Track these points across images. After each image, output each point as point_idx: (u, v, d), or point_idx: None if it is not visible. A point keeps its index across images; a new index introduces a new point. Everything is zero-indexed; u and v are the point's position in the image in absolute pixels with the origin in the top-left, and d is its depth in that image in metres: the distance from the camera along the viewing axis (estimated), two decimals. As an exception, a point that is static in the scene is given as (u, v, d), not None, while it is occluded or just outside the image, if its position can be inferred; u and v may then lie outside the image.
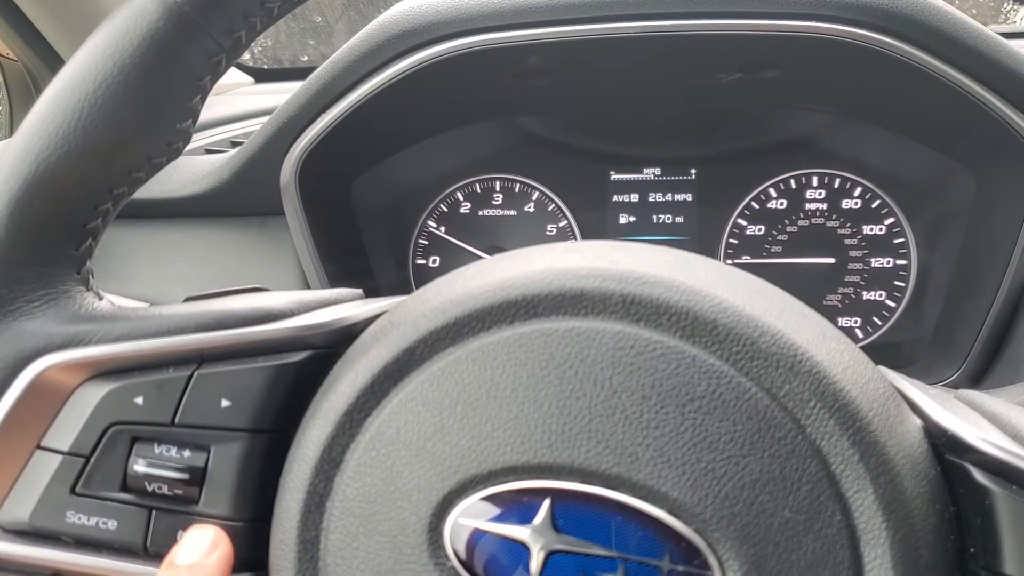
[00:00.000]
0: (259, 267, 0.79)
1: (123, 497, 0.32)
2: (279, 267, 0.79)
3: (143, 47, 0.32)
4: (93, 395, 0.33)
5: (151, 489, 0.32)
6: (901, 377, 0.34)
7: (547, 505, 0.27)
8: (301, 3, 0.37)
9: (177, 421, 0.32)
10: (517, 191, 0.95)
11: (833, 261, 0.89)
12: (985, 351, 0.74)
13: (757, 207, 0.91)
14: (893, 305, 0.88)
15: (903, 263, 0.88)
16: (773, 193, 0.91)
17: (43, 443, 0.33)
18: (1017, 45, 0.67)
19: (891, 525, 0.26)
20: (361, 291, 0.41)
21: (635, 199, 0.94)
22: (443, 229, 0.96)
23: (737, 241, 0.92)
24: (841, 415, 0.27)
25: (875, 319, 0.89)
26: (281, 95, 0.80)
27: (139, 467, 0.32)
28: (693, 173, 0.93)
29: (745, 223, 0.92)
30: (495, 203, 0.96)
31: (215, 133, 0.96)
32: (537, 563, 0.27)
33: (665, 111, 0.90)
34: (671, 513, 0.27)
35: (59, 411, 0.33)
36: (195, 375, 0.33)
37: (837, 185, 0.90)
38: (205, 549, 0.31)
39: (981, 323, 0.73)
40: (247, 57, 1.38)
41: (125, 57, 0.32)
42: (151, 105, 0.33)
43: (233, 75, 1.27)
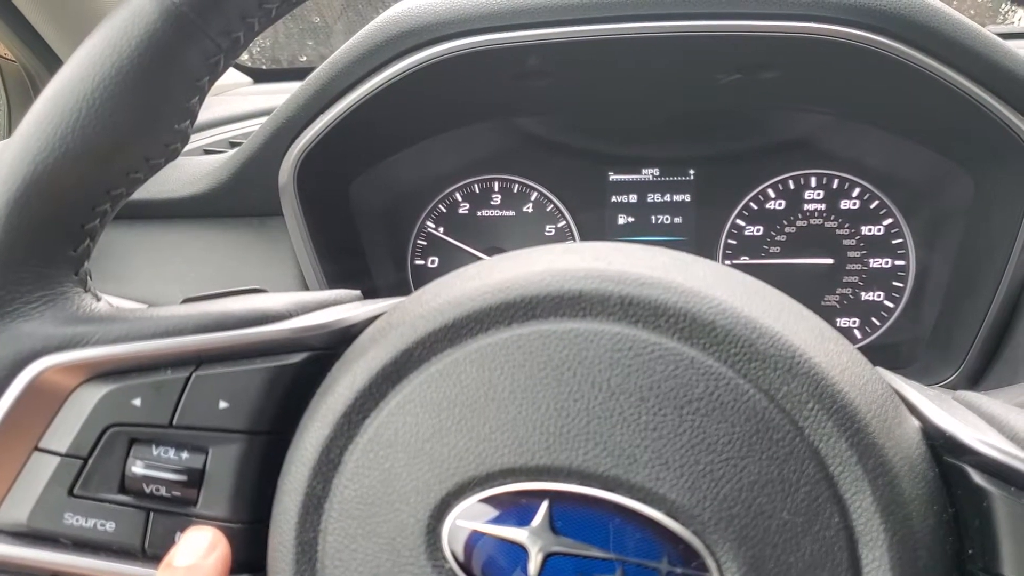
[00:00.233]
0: (257, 268, 0.79)
1: (121, 499, 0.32)
2: (277, 268, 0.79)
3: (141, 48, 0.32)
4: (91, 396, 0.33)
5: (149, 491, 0.32)
6: (899, 378, 0.34)
7: (545, 507, 0.27)
8: (299, 4, 0.37)
9: (175, 423, 0.32)
10: (516, 192, 0.95)
11: (831, 262, 0.89)
12: (983, 352, 0.74)
13: (756, 208, 0.91)
14: (891, 306, 0.88)
15: (901, 264, 0.88)
16: (771, 194, 0.91)
17: (41, 445, 0.33)
18: (1015, 46, 0.67)
19: (889, 527, 0.26)
20: (359, 292, 0.41)
21: (634, 200, 0.94)
22: (442, 230, 0.96)
23: (736, 242, 0.92)
24: (839, 417, 0.27)
25: (873, 320, 0.89)
26: (280, 96, 0.80)
27: (137, 469, 0.32)
28: (692, 174, 0.93)
29: (744, 224, 0.92)
30: (494, 204, 0.96)
31: (213, 134, 0.96)
32: (535, 565, 0.27)
33: (664, 112, 0.90)
34: (669, 515, 0.27)
35: (57, 412, 0.33)
36: (193, 376, 0.33)
37: (835, 186, 0.90)
38: (203, 550, 0.31)
39: (979, 324, 0.73)
40: (245, 57, 1.38)
41: (123, 58, 0.32)
42: (149, 106, 0.33)
43: (231, 75, 1.27)
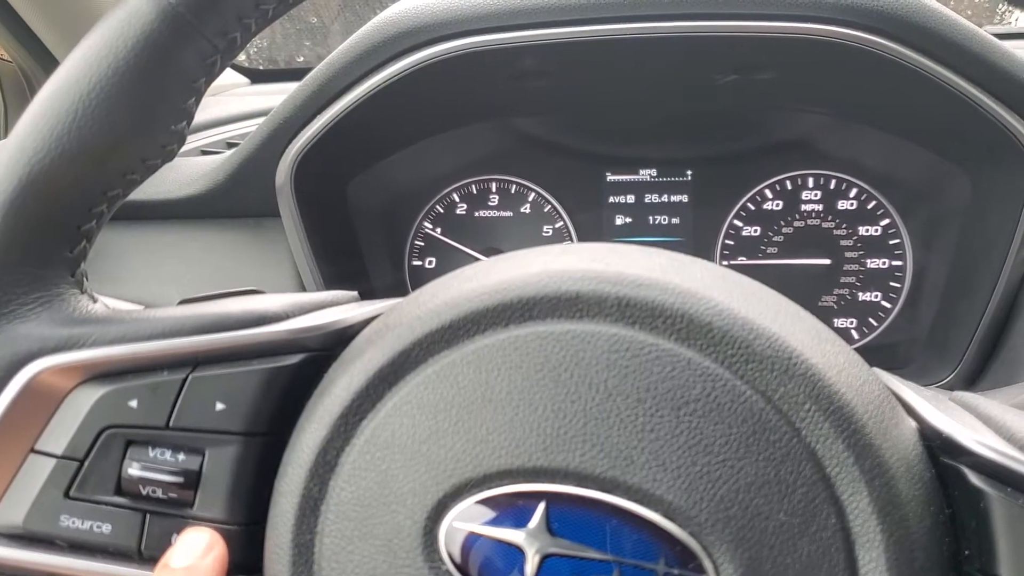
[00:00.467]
0: (254, 269, 0.79)
1: (117, 501, 0.32)
2: (274, 269, 0.79)
3: (137, 49, 0.32)
4: (87, 398, 0.33)
5: (145, 493, 0.32)
6: (896, 379, 0.34)
7: (542, 508, 0.27)
8: (296, 4, 0.37)
9: (172, 424, 0.32)
10: (513, 192, 0.95)
11: (829, 262, 0.89)
12: (980, 352, 0.74)
13: (753, 208, 0.92)
14: (889, 306, 0.88)
15: (899, 264, 0.88)
16: (769, 194, 0.91)
17: (37, 446, 0.33)
18: (1012, 46, 0.67)
19: (886, 528, 0.26)
20: (356, 293, 0.41)
21: (631, 200, 0.94)
22: (439, 230, 0.96)
23: (733, 242, 0.92)
24: (836, 418, 0.27)
25: (871, 320, 0.89)
26: (277, 96, 0.79)
27: (133, 470, 0.32)
28: (689, 174, 0.93)
29: (741, 224, 0.92)
30: (491, 204, 0.96)
31: (211, 134, 0.96)
32: (532, 567, 0.27)
33: (661, 112, 0.90)
34: (666, 516, 0.27)
35: (53, 414, 0.33)
36: (190, 378, 0.32)
37: (833, 186, 0.90)
38: (200, 551, 0.31)
39: (976, 324, 0.73)
40: (243, 58, 1.38)
41: (119, 59, 0.32)
42: (145, 107, 0.33)
43: (229, 76, 1.27)
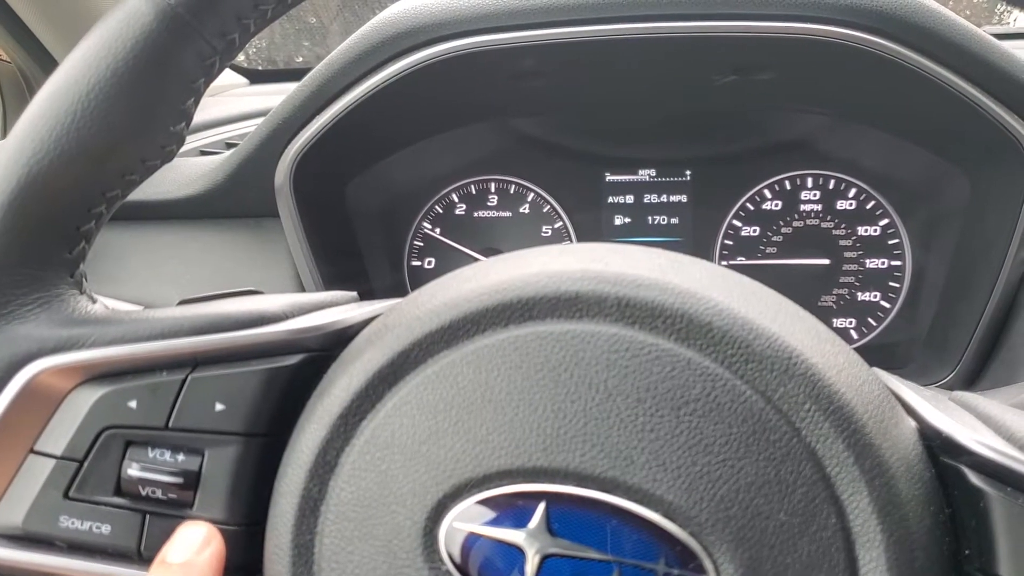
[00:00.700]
0: (254, 269, 0.79)
1: (117, 501, 0.32)
2: (274, 269, 0.79)
3: (136, 49, 0.32)
4: (86, 399, 0.33)
5: (145, 493, 0.32)
6: (896, 379, 0.34)
7: (542, 509, 0.27)
8: (295, 5, 0.37)
9: (171, 425, 0.32)
10: (512, 192, 0.95)
11: (828, 262, 0.89)
12: (979, 352, 0.74)
13: (752, 208, 0.92)
14: (888, 306, 0.88)
15: (898, 264, 0.88)
16: (768, 194, 0.91)
17: (36, 447, 0.33)
18: (1011, 46, 0.67)
19: (886, 528, 0.26)
20: (356, 294, 0.41)
21: (630, 200, 0.94)
22: (438, 231, 0.96)
23: (732, 242, 0.92)
24: (836, 418, 0.27)
25: (870, 320, 0.89)
26: (276, 96, 0.79)
27: (133, 471, 0.32)
28: (688, 174, 0.93)
29: (740, 224, 0.92)
30: (490, 204, 0.96)
31: (210, 135, 0.96)
32: (532, 567, 0.27)
33: (660, 113, 0.90)
34: (666, 516, 0.27)
35: (52, 415, 0.33)
36: (189, 379, 0.32)
37: (832, 186, 0.90)
38: (197, 546, 0.31)
39: (976, 324, 0.73)
40: (242, 58, 1.38)
41: (118, 59, 0.32)
42: (144, 108, 0.33)
43: (228, 76, 1.27)
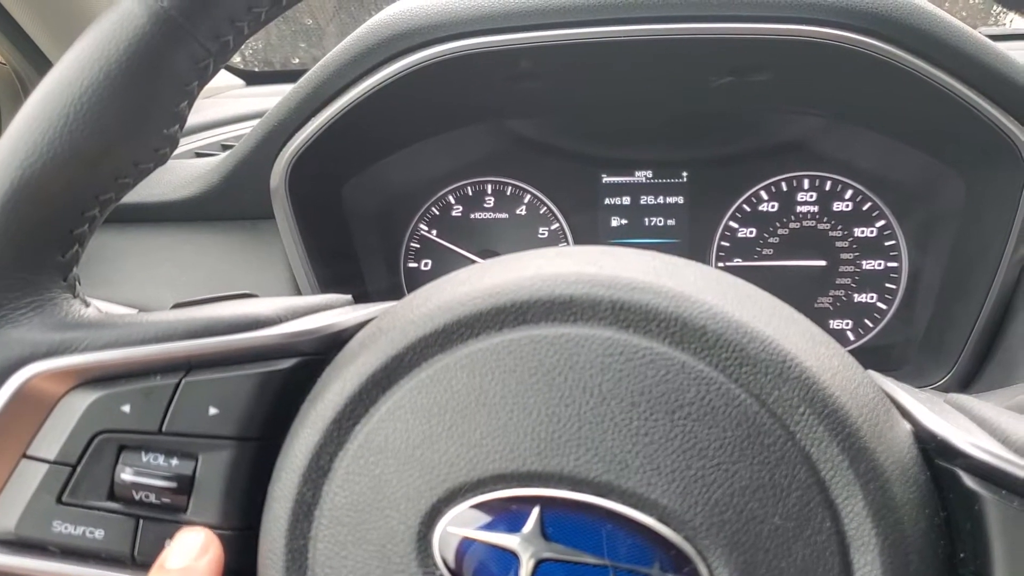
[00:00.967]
0: (249, 272, 0.79)
1: (110, 506, 0.32)
2: (269, 271, 0.79)
3: (129, 52, 0.32)
4: (79, 403, 0.32)
5: (138, 498, 0.32)
6: (891, 381, 0.34)
7: (536, 513, 0.27)
8: (289, 7, 0.37)
9: (164, 429, 0.32)
10: (509, 194, 0.95)
11: (824, 263, 0.90)
12: (975, 354, 0.74)
13: (748, 210, 0.92)
14: (884, 307, 0.88)
15: (894, 265, 0.88)
16: (764, 196, 0.91)
17: (29, 452, 0.33)
18: (1007, 47, 0.67)
19: (881, 531, 0.26)
20: (350, 297, 0.41)
21: (627, 202, 0.94)
22: (435, 232, 0.96)
23: (729, 244, 0.92)
24: (830, 421, 0.27)
25: (866, 321, 0.89)
26: (272, 98, 0.79)
27: (126, 476, 0.32)
28: (685, 176, 0.93)
29: (736, 226, 0.92)
30: (487, 206, 0.96)
31: (205, 136, 0.95)
32: (526, 571, 0.27)
33: (656, 114, 0.90)
34: (661, 520, 0.27)
35: (45, 419, 0.33)
36: (183, 383, 0.32)
37: (828, 188, 0.90)
38: (195, 552, 0.30)
39: (971, 326, 0.73)
40: (237, 60, 1.37)
41: (111, 62, 0.32)
42: (137, 110, 0.33)
43: (224, 78, 1.26)
